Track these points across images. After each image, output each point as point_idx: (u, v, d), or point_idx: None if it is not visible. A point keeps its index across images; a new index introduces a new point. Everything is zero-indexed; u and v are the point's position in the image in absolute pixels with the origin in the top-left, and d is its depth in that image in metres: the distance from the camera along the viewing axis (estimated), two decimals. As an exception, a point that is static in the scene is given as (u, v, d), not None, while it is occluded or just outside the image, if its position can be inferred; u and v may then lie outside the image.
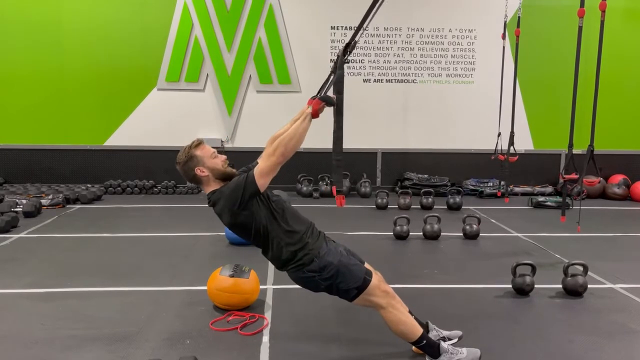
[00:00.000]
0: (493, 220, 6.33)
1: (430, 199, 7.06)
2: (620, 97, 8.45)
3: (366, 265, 2.76)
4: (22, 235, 5.35)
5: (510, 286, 3.87)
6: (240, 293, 3.41)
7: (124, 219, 6.21)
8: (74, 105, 8.03)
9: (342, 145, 2.60)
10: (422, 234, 5.41)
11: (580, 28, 4.28)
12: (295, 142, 2.45)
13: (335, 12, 8.12)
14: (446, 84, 8.42)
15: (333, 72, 2.90)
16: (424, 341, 2.68)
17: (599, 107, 4.44)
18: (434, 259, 4.79)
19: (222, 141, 8.13)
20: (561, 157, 8.43)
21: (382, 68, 8.34)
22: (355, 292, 2.61)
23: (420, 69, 8.37)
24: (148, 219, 6.28)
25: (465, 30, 8.33)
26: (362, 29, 2.71)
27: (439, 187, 7.93)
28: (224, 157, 2.68)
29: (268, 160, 2.48)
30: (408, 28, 8.30)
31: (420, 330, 2.68)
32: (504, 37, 6.49)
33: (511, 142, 6.11)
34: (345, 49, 2.66)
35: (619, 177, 8.14)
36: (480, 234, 5.45)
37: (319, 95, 2.82)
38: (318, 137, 4.40)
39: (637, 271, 4.46)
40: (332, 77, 2.92)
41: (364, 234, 5.60)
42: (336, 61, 2.71)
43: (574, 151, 4.39)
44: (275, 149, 2.46)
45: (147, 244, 5.15)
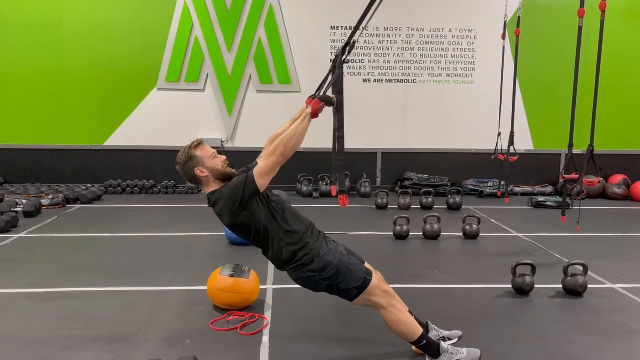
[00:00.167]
0: (493, 220, 6.33)
1: (430, 199, 7.06)
2: (620, 97, 8.45)
3: (366, 265, 2.76)
4: (22, 235, 5.36)
5: (510, 286, 3.87)
6: (240, 293, 3.41)
7: (124, 219, 6.21)
8: (74, 105, 8.03)
9: (343, 144, 2.59)
10: (422, 234, 5.41)
11: (580, 28, 4.28)
12: (294, 142, 2.45)
13: (335, 12, 8.12)
14: (446, 84, 8.42)
15: (332, 71, 2.89)
16: (424, 341, 2.68)
17: (599, 107, 4.44)
18: (434, 259, 4.79)
19: (222, 141, 8.14)
20: (561, 157, 8.43)
21: (382, 68, 8.34)
22: (355, 292, 2.61)
23: (420, 69, 8.37)
24: (148, 219, 6.28)
25: (465, 30, 8.34)
26: (361, 28, 2.71)
27: (439, 187, 7.94)
28: (224, 157, 2.68)
29: (268, 160, 2.48)
30: (408, 28, 8.30)
31: (420, 330, 2.68)
32: (504, 37, 6.49)
33: (511, 142, 6.11)
34: (344, 48, 2.65)
35: (619, 177, 8.14)
36: (480, 234, 5.45)
37: (318, 94, 2.81)
38: (318, 137, 4.41)
39: (637, 271, 4.46)
40: (331, 76, 2.92)
41: (364, 234, 5.60)
42: (335, 61, 2.70)
43: (574, 151, 4.39)
44: (275, 149, 2.45)
45: (147, 244, 5.15)
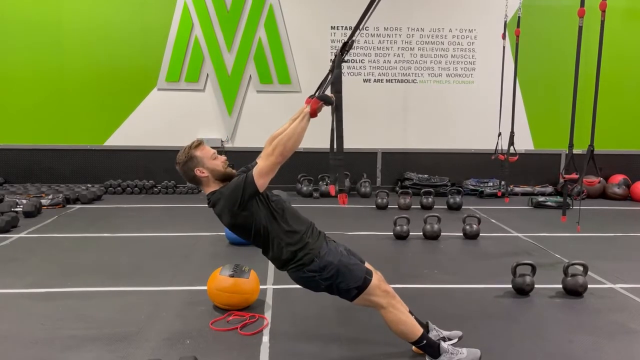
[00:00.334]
0: (493, 220, 6.33)
1: (430, 199, 7.06)
2: (620, 97, 8.45)
3: (366, 264, 2.76)
4: (22, 235, 5.36)
5: (510, 286, 3.87)
6: (240, 293, 3.41)
7: (124, 219, 6.21)
8: (74, 105, 8.03)
9: (342, 144, 2.59)
10: (422, 234, 5.41)
11: (581, 28, 4.28)
12: (293, 141, 2.45)
13: (335, 12, 8.12)
14: (446, 84, 8.42)
15: (331, 71, 2.89)
16: (424, 341, 2.68)
17: (599, 107, 4.43)
18: (434, 259, 4.79)
19: (222, 141, 8.14)
20: (561, 157, 8.43)
21: (382, 68, 8.34)
22: (355, 291, 2.61)
23: (420, 68, 8.37)
24: (148, 219, 6.28)
25: (465, 30, 8.34)
26: (360, 28, 2.71)
27: (439, 187, 7.94)
28: (224, 158, 2.67)
29: (267, 160, 2.47)
30: (408, 28, 8.30)
31: (420, 330, 2.68)
32: (504, 37, 6.49)
33: (511, 142, 6.11)
34: (343, 48, 2.65)
35: (619, 177, 8.14)
36: (480, 234, 5.45)
37: (317, 94, 2.81)
38: (318, 137, 4.41)
39: (637, 271, 4.45)
40: (330, 76, 2.92)
41: (364, 234, 5.60)
42: (334, 60, 2.70)
43: (574, 151, 4.39)
44: (274, 149, 2.45)
45: (147, 244, 5.15)
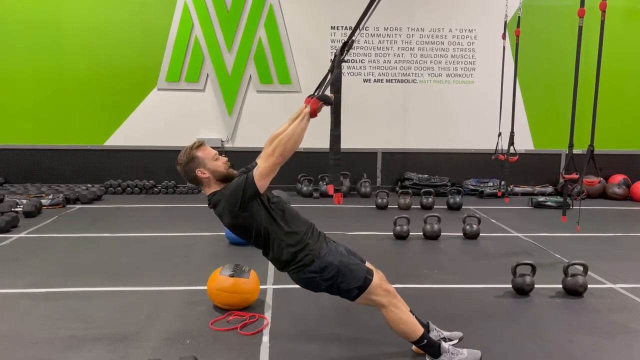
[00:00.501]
0: (493, 220, 6.33)
1: (430, 199, 7.06)
2: (620, 97, 8.45)
3: (367, 264, 2.76)
4: (23, 235, 5.36)
5: (510, 286, 3.87)
6: (240, 293, 3.41)
7: (124, 219, 6.21)
8: (74, 105, 8.03)
9: (339, 144, 2.59)
10: (422, 234, 5.41)
11: (580, 28, 4.28)
12: (293, 142, 2.45)
13: (335, 12, 8.12)
14: (446, 84, 8.42)
15: (330, 71, 2.89)
16: (425, 341, 2.68)
17: (599, 107, 4.43)
18: (434, 259, 4.79)
19: (222, 141, 8.14)
20: (561, 157, 8.42)
21: (382, 68, 8.34)
22: (356, 291, 2.61)
23: (420, 68, 8.37)
24: (148, 219, 6.28)
25: (465, 30, 8.34)
26: (360, 28, 2.71)
27: (439, 187, 7.93)
28: (226, 159, 2.67)
29: (267, 161, 2.47)
30: (408, 28, 8.30)
31: (421, 330, 2.68)
32: (504, 37, 6.49)
33: (511, 142, 6.12)
34: (343, 47, 2.65)
35: (619, 177, 8.14)
36: (480, 234, 5.45)
37: (316, 94, 2.81)
38: (318, 137, 4.41)
39: (637, 271, 4.46)
40: (329, 76, 2.92)
41: (364, 234, 5.60)
42: (334, 60, 2.70)
43: (574, 151, 4.39)
44: (274, 150, 2.45)
45: (147, 244, 5.15)
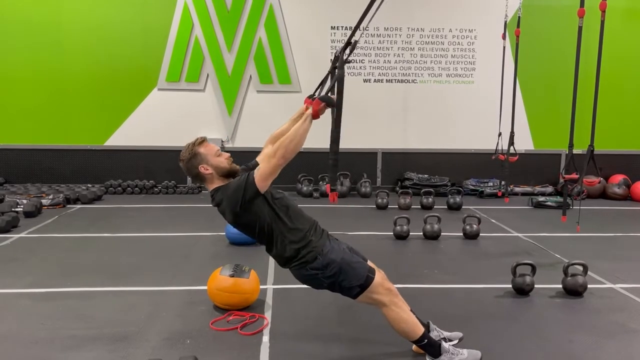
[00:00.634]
0: (493, 220, 6.33)
1: (430, 199, 7.06)
2: (620, 97, 8.45)
3: (369, 263, 2.76)
4: (23, 235, 5.36)
5: (510, 286, 3.86)
6: (240, 293, 3.41)
7: (124, 219, 6.21)
8: (75, 106, 8.04)
9: (338, 144, 2.60)
10: (422, 234, 5.41)
11: (580, 28, 4.28)
12: (295, 143, 2.44)
13: (335, 12, 8.12)
14: (446, 84, 8.42)
15: (331, 72, 2.89)
16: (426, 340, 2.68)
17: (599, 107, 4.44)
18: (434, 259, 4.79)
19: (222, 141, 8.14)
20: (561, 157, 8.43)
21: (382, 68, 8.34)
22: (358, 289, 2.61)
23: (420, 69, 8.37)
24: (148, 219, 6.28)
25: (465, 30, 8.34)
26: (361, 28, 2.70)
27: (439, 187, 7.93)
28: (228, 154, 2.67)
29: (268, 162, 2.46)
30: (408, 28, 8.30)
31: (421, 329, 2.68)
32: (504, 37, 6.50)
33: (511, 142, 6.12)
34: (345, 48, 2.65)
35: (619, 177, 8.14)
36: (480, 234, 5.45)
37: (318, 95, 2.80)
38: (318, 137, 4.40)
39: (637, 271, 4.46)
40: (330, 76, 2.91)
41: (364, 234, 5.60)
42: (334, 61, 2.69)
43: (574, 151, 4.39)
44: (276, 151, 2.44)
45: (147, 244, 5.15)
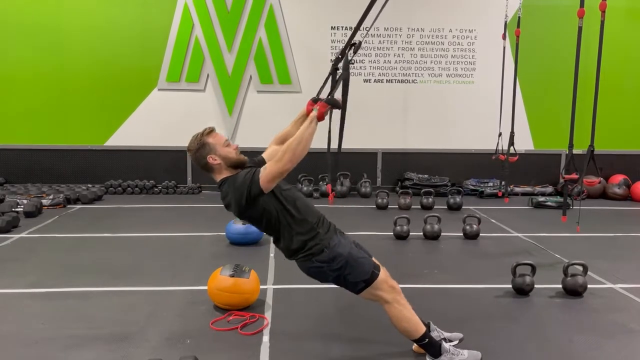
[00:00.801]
0: (493, 220, 6.33)
1: (430, 199, 7.06)
2: (620, 97, 8.44)
3: (374, 259, 2.76)
4: (23, 235, 5.36)
5: (510, 286, 3.87)
6: (240, 293, 3.41)
7: (124, 219, 6.21)
8: (75, 106, 8.03)
9: (339, 145, 2.62)
10: (422, 234, 5.42)
11: (580, 28, 4.28)
12: (302, 146, 2.44)
13: (335, 12, 8.12)
14: (446, 84, 8.42)
15: (332, 73, 2.89)
16: (427, 339, 2.68)
17: (599, 107, 4.44)
18: (434, 259, 4.80)
19: (222, 141, 8.13)
20: (561, 157, 8.42)
21: (382, 68, 8.34)
22: (362, 285, 2.61)
23: (420, 69, 8.37)
24: (148, 219, 6.29)
25: (465, 30, 8.34)
26: (362, 29, 2.70)
27: (439, 187, 7.93)
28: (236, 145, 2.67)
29: (275, 165, 2.45)
30: (408, 28, 8.30)
31: (423, 329, 2.68)
32: (504, 37, 6.50)
33: (511, 142, 6.12)
34: (349, 49, 2.64)
35: (619, 177, 8.14)
36: (480, 234, 5.45)
37: (321, 97, 2.81)
38: (319, 138, 4.40)
39: (637, 271, 4.46)
40: (331, 78, 2.92)
41: (364, 234, 5.59)
42: (335, 62, 2.70)
43: (574, 151, 4.39)
44: (284, 154, 2.43)
45: (147, 244, 5.15)
